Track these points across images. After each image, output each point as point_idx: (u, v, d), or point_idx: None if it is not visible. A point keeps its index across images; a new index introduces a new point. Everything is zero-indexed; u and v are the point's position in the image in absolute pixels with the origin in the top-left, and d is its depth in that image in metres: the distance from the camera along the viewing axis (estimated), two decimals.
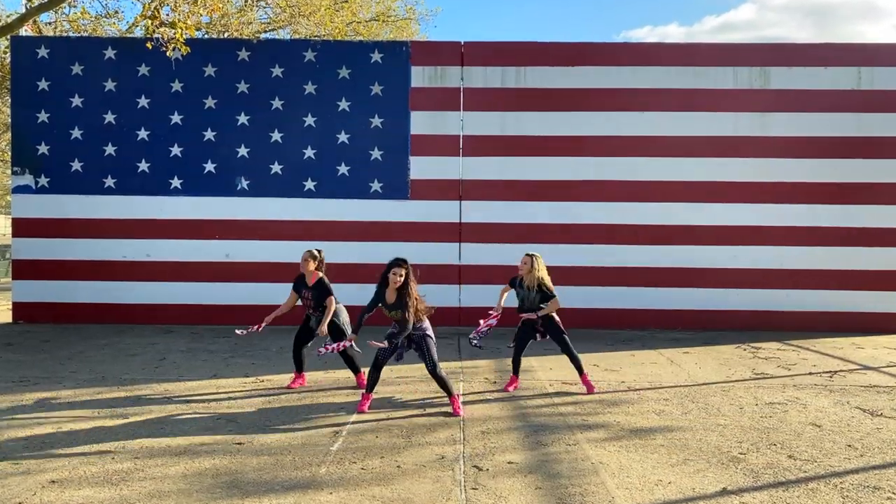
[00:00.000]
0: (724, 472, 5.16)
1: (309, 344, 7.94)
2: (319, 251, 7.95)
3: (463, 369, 8.83)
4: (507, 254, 12.09)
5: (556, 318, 7.68)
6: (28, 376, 8.25)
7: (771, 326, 12.33)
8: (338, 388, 7.78)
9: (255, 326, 7.79)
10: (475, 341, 7.41)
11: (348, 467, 5.19)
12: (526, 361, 9.04)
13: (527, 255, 7.65)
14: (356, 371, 7.88)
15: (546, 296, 7.56)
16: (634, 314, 12.50)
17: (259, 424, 6.33)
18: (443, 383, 6.78)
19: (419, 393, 7.57)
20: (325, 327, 7.48)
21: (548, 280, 7.60)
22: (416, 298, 6.70)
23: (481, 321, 7.50)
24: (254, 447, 5.66)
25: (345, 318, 7.78)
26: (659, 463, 5.35)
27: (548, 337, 7.74)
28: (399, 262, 6.74)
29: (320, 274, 7.81)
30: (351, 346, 7.25)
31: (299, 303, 7.89)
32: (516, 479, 4.98)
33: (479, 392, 7.67)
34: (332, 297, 7.65)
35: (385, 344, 6.60)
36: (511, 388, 7.76)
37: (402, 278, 6.67)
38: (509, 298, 7.76)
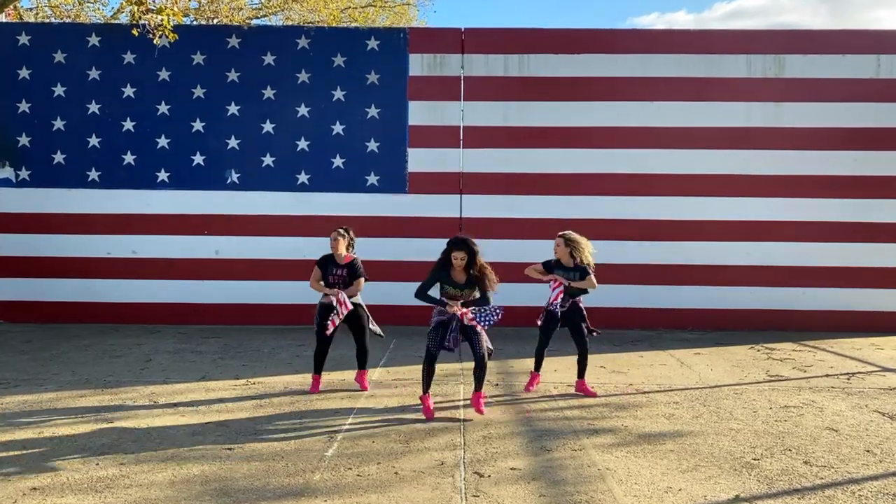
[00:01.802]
0: (736, 478, 5.16)
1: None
2: (347, 229, 7.93)
3: (463, 371, 8.82)
4: (509, 250, 12.07)
5: (583, 308, 7.72)
6: (8, 378, 8.24)
7: (786, 326, 12.32)
8: (333, 391, 7.77)
9: (338, 312, 7.63)
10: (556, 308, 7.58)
11: (343, 474, 5.19)
12: (530, 363, 9.03)
13: (559, 236, 7.72)
14: (363, 366, 7.86)
15: (585, 275, 7.60)
16: (643, 313, 12.49)
17: (250, 429, 6.32)
18: (482, 375, 6.80)
19: (418, 396, 7.56)
20: (345, 296, 7.51)
21: (589, 259, 7.63)
22: (491, 270, 6.80)
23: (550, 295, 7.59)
24: (244, 453, 5.65)
25: (366, 311, 7.81)
26: (669, 469, 5.34)
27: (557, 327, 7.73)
28: (458, 245, 6.76)
29: (354, 255, 7.87)
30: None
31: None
32: (519, 486, 4.98)
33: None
34: (363, 279, 7.79)
35: (468, 313, 6.60)
36: (532, 388, 7.79)
37: (465, 260, 6.72)
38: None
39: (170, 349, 10.24)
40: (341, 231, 7.84)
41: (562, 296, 7.58)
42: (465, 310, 6.72)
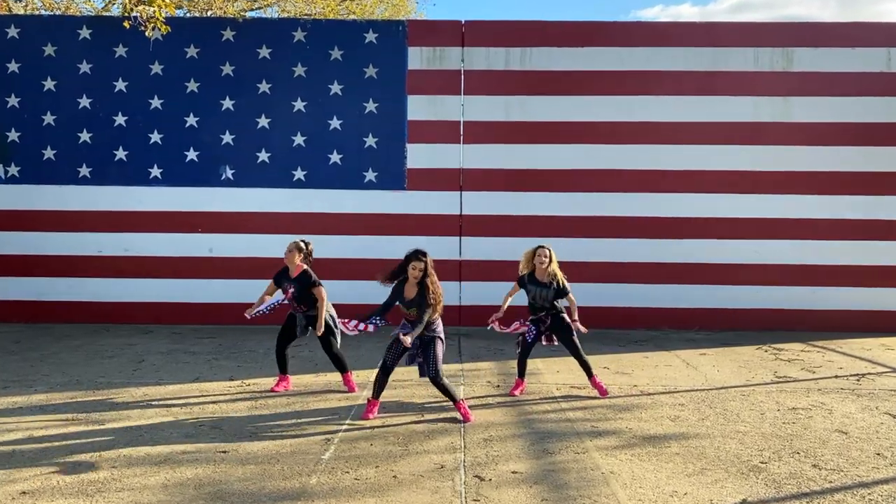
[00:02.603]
0: (743, 482, 5.16)
1: (292, 342, 7.94)
2: (307, 243, 7.96)
3: (464, 371, 8.82)
4: (510, 248, 12.05)
5: (566, 317, 7.69)
6: None
7: (794, 326, 12.32)
8: (329, 392, 7.77)
9: (261, 309, 7.88)
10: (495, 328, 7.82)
11: (341, 477, 5.19)
12: (531, 363, 9.04)
13: (541, 247, 7.70)
14: (344, 370, 7.87)
15: (560, 291, 7.59)
16: (648, 313, 12.49)
17: (245, 431, 6.32)
18: (445, 391, 6.77)
19: (417, 397, 7.56)
20: (321, 323, 7.48)
21: (561, 274, 7.65)
22: (439, 294, 6.69)
23: (495, 323, 7.77)
24: (239, 455, 5.65)
25: (333, 313, 7.80)
26: (674, 472, 5.34)
27: (555, 342, 7.77)
28: (418, 255, 6.70)
29: (304, 266, 7.79)
30: (378, 326, 7.12)
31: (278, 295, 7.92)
32: (521, 490, 4.98)
33: (481, 396, 7.67)
34: (322, 288, 7.65)
35: (406, 339, 6.51)
36: (517, 392, 7.77)
37: (422, 272, 6.64)
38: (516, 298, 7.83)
39: (163, 350, 10.24)
40: (299, 243, 7.87)
41: (528, 333, 7.68)
42: (404, 337, 6.58)
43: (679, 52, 12.48)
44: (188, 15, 19.13)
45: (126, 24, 11.91)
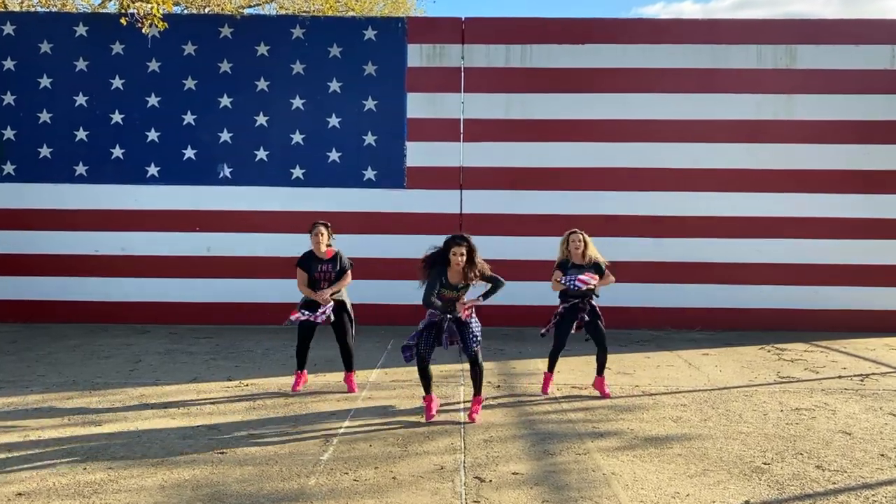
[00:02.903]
0: (746, 483, 5.15)
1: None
2: (327, 224, 7.92)
3: (464, 372, 8.82)
4: (511, 247, 12.08)
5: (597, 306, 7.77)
6: None
7: (797, 326, 12.32)
8: (328, 392, 7.77)
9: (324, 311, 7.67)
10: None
11: (340, 478, 5.18)
12: (532, 363, 9.06)
13: (574, 232, 7.75)
14: (349, 368, 7.84)
15: (602, 271, 7.74)
16: (649, 313, 12.48)
17: (243, 432, 6.32)
18: (480, 378, 6.77)
19: (417, 398, 7.55)
20: (327, 294, 7.49)
21: (601, 257, 7.76)
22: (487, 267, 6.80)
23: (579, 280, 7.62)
24: (237, 457, 5.65)
25: (351, 313, 7.82)
26: (676, 474, 5.34)
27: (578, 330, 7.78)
28: (457, 241, 6.70)
29: (335, 248, 7.82)
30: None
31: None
32: (521, 492, 4.97)
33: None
34: (350, 272, 7.78)
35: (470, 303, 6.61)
36: (549, 390, 7.77)
37: (465, 257, 6.65)
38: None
39: (160, 350, 10.24)
40: (321, 225, 7.80)
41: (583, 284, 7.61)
42: (467, 311, 6.69)
43: (680, 49, 12.47)
44: (185, 12, 19.12)
45: (123, 21, 11.92)
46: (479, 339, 6.77)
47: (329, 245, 7.82)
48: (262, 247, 12.41)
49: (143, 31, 11.91)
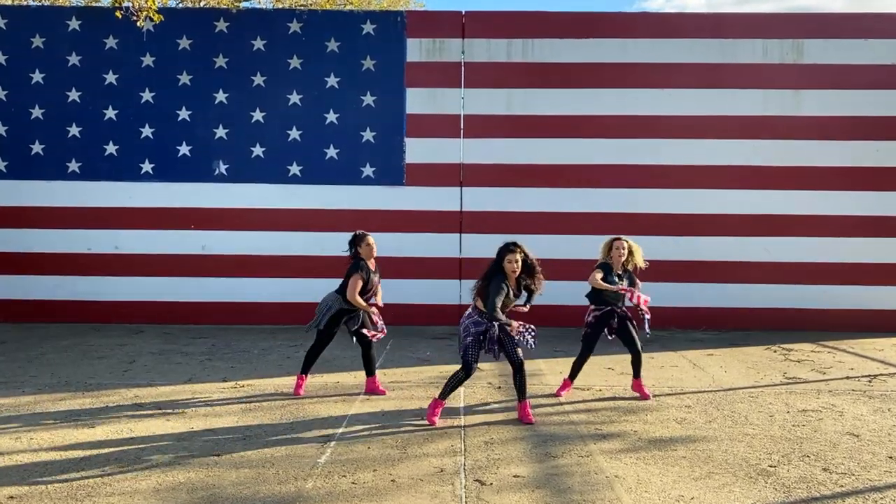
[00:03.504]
0: (752, 486, 5.15)
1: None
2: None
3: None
4: None
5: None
6: None
7: (804, 326, 12.32)
8: (325, 395, 7.77)
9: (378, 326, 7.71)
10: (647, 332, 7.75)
11: (337, 481, 5.18)
12: (533, 364, 9.05)
13: (618, 239, 7.77)
14: (371, 373, 7.84)
15: (633, 281, 7.77)
16: (653, 312, 12.24)
17: (239, 434, 6.32)
18: (524, 383, 6.78)
19: (416, 399, 7.56)
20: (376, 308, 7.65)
21: (642, 263, 7.78)
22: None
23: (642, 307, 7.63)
24: (233, 459, 5.65)
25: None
26: (680, 476, 5.34)
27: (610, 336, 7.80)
28: (510, 248, 6.76)
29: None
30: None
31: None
32: (523, 495, 4.98)
33: (481, 399, 7.67)
34: None
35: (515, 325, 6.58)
36: (563, 393, 7.79)
37: (519, 264, 6.68)
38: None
39: (154, 350, 10.24)
40: (371, 235, 7.78)
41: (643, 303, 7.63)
42: (516, 325, 6.65)
43: (685, 43, 12.47)
44: (180, 5, 19.12)
45: (118, 15, 11.90)
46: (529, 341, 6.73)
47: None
48: (259, 245, 12.41)
49: (138, 24, 11.90)
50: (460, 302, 12.40)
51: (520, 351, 6.74)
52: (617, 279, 7.68)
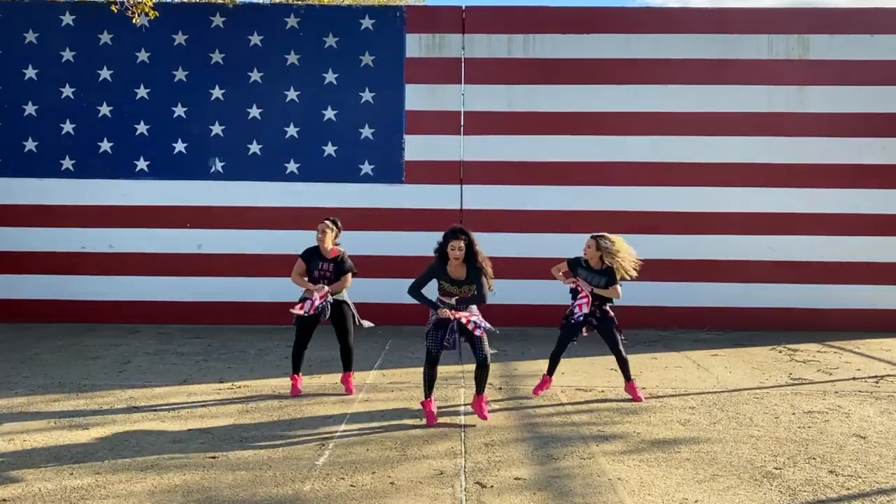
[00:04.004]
0: (757, 489, 5.15)
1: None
2: (336, 221, 7.92)
3: (464, 373, 8.81)
4: (513, 245, 12.09)
5: (609, 309, 7.70)
6: None
7: (810, 326, 12.32)
8: (324, 395, 7.76)
9: (314, 300, 7.61)
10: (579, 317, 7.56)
11: (336, 484, 5.18)
12: (535, 365, 9.05)
13: (592, 236, 7.71)
14: (348, 368, 7.85)
15: (612, 280, 7.63)
16: (657, 312, 12.48)
17: (235, 435, 6.31)
18: (485, 379, 6.78)
19: (415, 400, 7.55)
20: (326, 292, 7.50)
21: (625, 268, 7.66)
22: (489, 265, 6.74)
23: (576, 306, 7.54)
24: (229, 461, 5.64)
25: (353, 309, 7.79)
26: (684, 479, 5.34)
27: (582, 334, 7.73)
28: (456, 234, 6.68)
29: (341, 248, 7.83)
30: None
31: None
32: (524, 497, 4.97)
33: None
34: (351, 274, 7.77)
35: (450, 315, 6.51)
36: (540, 392, 7.76)
37: (463, 251, 6.64)
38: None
39: (149, 350, 10.23)
40: (330, 222, 7.81)
41: (585, 306, 7.53)
42: (460, 314, 6.64)
43: (689, 39, 12.46)
44: (176, 0, 19.10)
45: (113, 9, 11.89)
46: (486, 342, 6.72)
47: (336, 244, 7.83)
48: (256, 244, 12.41)
49: (133, 20, 11.89)
50: None
51: (486, 349, 6.70)
52: (588, 273, 7.63)
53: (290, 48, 12.54)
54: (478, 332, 6.65)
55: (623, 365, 7.75)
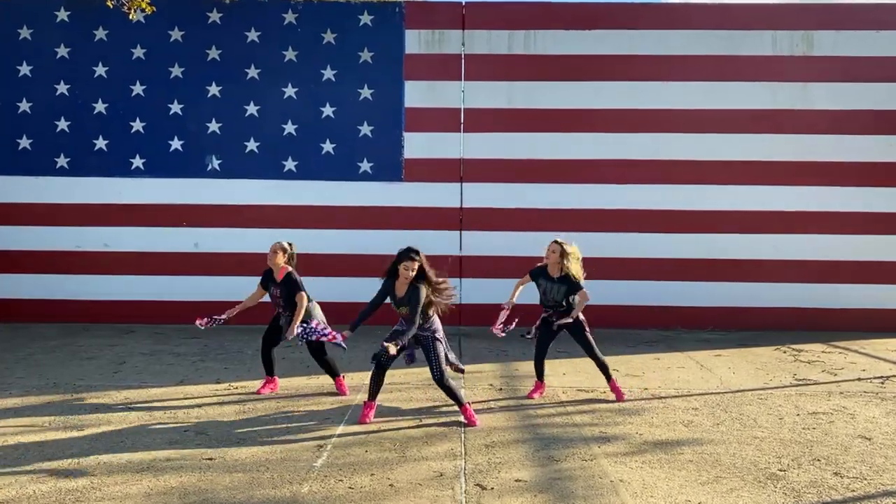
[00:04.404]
0: (761, 491, 5.15)
1: (279, 344, 7.92)
2: (290, 244, 7.98)
3: (465, 374, 8.81)
4: (513, 243, 12.09)
5: (580, 314, 7.66)
6: None
7: (814, 326, 12.32)
8: (321, 395, 7.77)
9: (220, 317, 7.77)
10: (501, 333, 7.52)
11: (334, 486, 5.18)
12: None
13: (555, 242, 7.66)
14: (335, 375, 7.91)
15: (572, 287, 7.55)
16: (660, 312, 12.48)
17: (232, 437, 6.31)
18: (451, 393, 6.75)
19: (415, 401, 7.56)
20: (295, 328, 7.37)
21: (577, 271, 7.59)
22: (429, 294, 6.73)
23: (497, 325, 7.53)
24: (226, 462, 5.64)
25: (320, 317, 7.74)
26: (687, 481, 5.33)
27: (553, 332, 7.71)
28: (411, 255, 6.69)
29: (289, 268, 7.79)
30: (338, 342, 7.09)
31: (266, 299, 7.90)
32: (525, 500, 4.97)
33: (482, 400, 7.66)
34: (304, 293, 7.61)
35: (392, 348, 6.51)
36: (536, 395, 7.76)
37: (414, 272, 6.66)
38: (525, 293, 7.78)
39: (145, 351, 10.23)
40: (283, 244, 7.87)
41: (503, 321, 7.56)
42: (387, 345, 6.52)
43: (692, 35, 12.46)
44: None
45: (109, 4, 11.87)
46: (441, 361, 6.72)
47: (286, 264, 7.82)
48: (253, 242, 12.36)
49: (129, 16, 11.88)
50: (460, 301, 12.40)
51: (443, 367, 6.69)
52: (548, 282, 7.62)
53: (288, 44, 12.54)
54: (436, 346, 6.75)
55: (602, 367, 7.71)
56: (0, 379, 8.40)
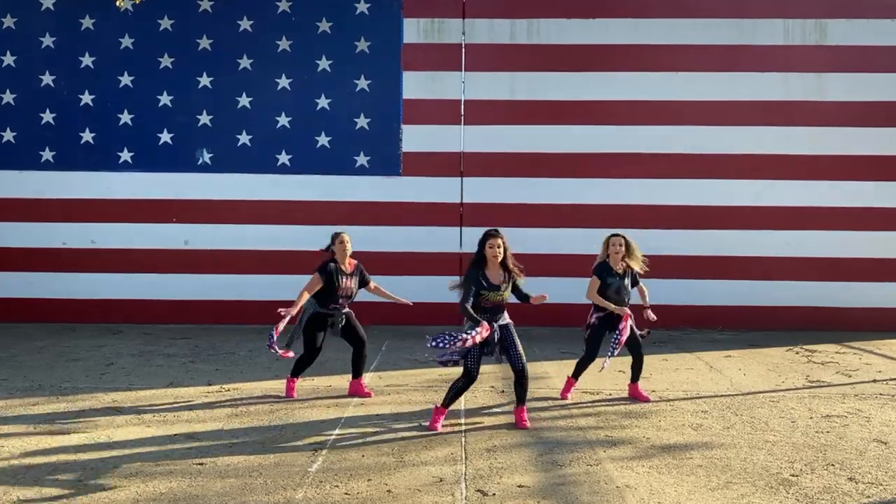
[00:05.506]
0: (773, 496, 5.15)
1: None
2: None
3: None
4: (516, 240, 11.98)
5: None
6: None
7: (828, 325, 12.32)
8: (317, 398, 7.76)
9: (283, 322, 7.58)
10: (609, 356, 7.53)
11: (330, 491, 5.17)
12: (539, 367, 9.06)
13: (617, 236, 7.78)
14: (358, 374, 7.88)
15: (634, 281, 7.81)
16: (668, 311, 12.33)
17: (224, 441, 6.31)
18: (526, 388, 6.78)
19: (414, 404, 7.55)
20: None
21: (639, 266, 7.80)
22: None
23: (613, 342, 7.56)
24: (217, 468, 5.63)
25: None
26: (696, 486, 5.33)
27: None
28: (492, 233, 6.76)
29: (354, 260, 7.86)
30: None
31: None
32: None
33: (483, 403, 7.66)
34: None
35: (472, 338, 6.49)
36: (569, 395, 7.82)
37: (502, 249, 6.69)
38: None
39: (134, 351, 10.23)
40: (345, 234, 7.85)
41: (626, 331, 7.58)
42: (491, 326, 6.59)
43: (701, 23, 12.45)
44: None
45: None
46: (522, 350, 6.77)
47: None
48: (245, 239, 12.40)
49: (117, 4, 11.85)
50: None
51: (523, 356, 6.72)
52: (618, 279, 7.68)
53: (282, 34, 12.53)
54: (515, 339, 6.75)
55: (639, 366, 7.84)
56: None
